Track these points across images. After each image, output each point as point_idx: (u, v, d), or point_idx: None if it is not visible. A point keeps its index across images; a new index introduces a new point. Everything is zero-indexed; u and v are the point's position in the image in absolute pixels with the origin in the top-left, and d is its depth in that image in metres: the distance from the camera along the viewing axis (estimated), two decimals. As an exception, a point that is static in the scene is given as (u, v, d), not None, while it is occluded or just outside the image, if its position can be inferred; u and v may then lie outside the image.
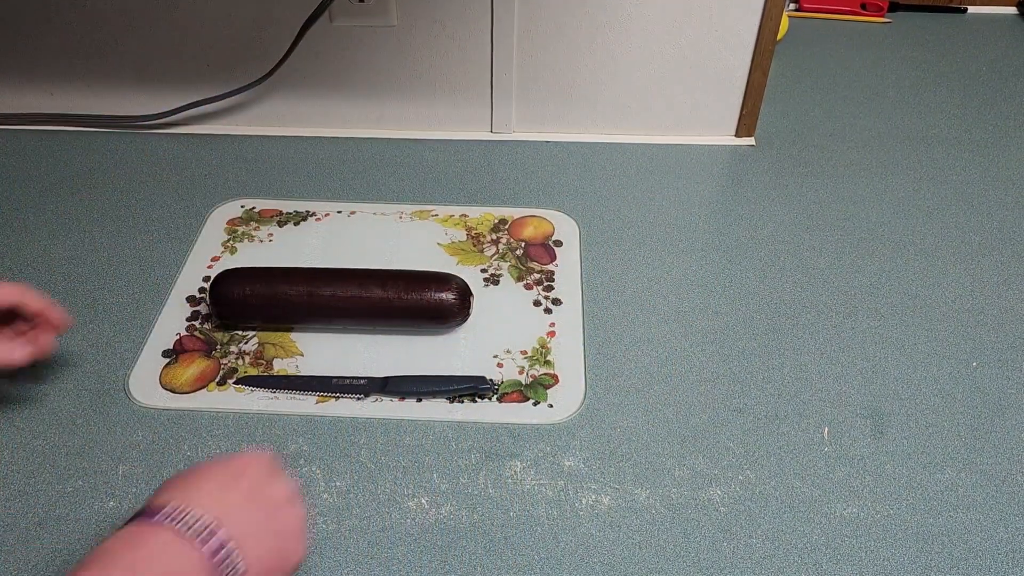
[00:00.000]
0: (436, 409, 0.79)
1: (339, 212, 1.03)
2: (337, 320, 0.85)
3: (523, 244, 0.98)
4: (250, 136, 1.17)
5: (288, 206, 1.04)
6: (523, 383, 0.81)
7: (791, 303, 0.91)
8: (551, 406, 0.79)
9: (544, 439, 0.77)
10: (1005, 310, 0.90)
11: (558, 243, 0.98)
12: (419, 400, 0.79)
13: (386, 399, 0.79)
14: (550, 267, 0.95)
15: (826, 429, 0.78)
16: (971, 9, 1.45)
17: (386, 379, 0.81)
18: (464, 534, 0.69)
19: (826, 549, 0.68)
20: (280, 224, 1.01)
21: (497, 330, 0.87)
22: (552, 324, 0.88)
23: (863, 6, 1.43)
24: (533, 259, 0.96)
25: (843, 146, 1.14)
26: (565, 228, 1.00)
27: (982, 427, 0.78)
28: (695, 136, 1.15)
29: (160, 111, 1.15)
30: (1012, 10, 1.46)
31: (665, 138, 1.15)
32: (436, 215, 1.02)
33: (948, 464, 0.75)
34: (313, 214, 1.02)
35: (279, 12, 1.05)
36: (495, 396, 0.80)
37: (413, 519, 0.70)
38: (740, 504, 0.72)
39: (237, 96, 1.12)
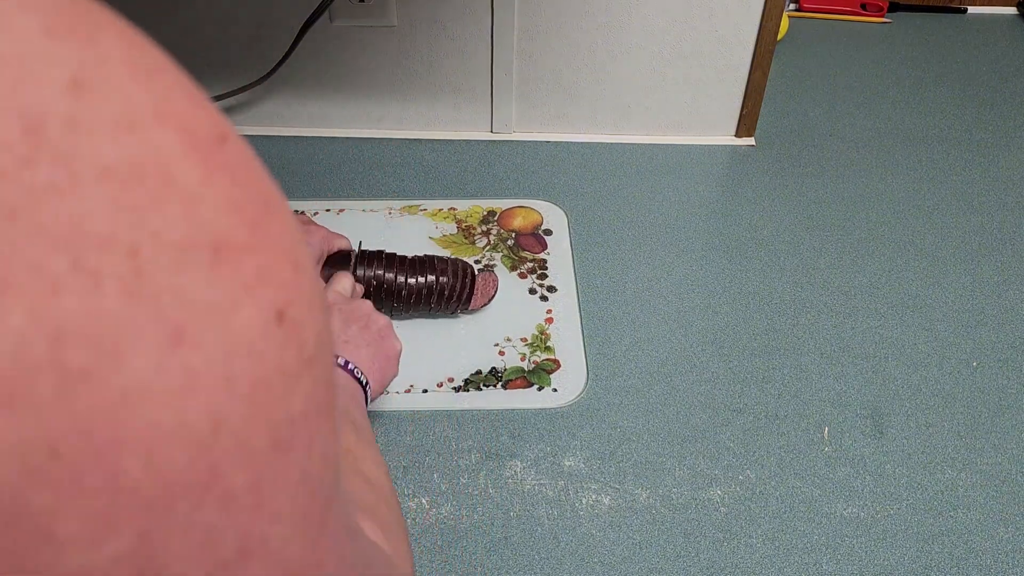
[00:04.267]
0: (442, 398, 0.79)
1: (327, 211, 1.03)
2: None
3: (513, 234, 0.99)
4: (250, 136, 1.16)
5: (286, 206, 1.04)
6: (526, 369, 0.83)
7: (791, 303, 0.91)
8: (555, 390, 0.81)
9: (544, 439, 0.77)
10: (1005, 310, 0.90)
11: (548, 232, 0.99)
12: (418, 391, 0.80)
13: (390, 392, 0.79)
14: (542, 256, 0.96)
15: (826, 429, 0.78)
16: (971, 9, 1.45)
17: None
18: (464, 534, 0.69)
19: (826, 549, 0.68)
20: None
21: (496, 318, 0.88)
22: (549, 311, 0.89)
23: (863, 6, 1.43)
24: (525, 249, 0.97)
25: (843, 146, 1.14)
26: (553, 217, 1.01)
27: (982, 427, 0.78)
28: (695, 136, 1.15)
29: (160, 111, 1.14)
30: (1012, 10, 1.46)
31: (665, 138, 1.15)
32: (425, 209, 1.02)
33: (948, 464, 0.75)
34: (302, 213, 1.02)
35: (279, 12, 1.05)
36: (500, 383, 0.81)
37: (413, 519, 0.70)
38: (740, 504, 0.72)
39: (237, 96, 1.12)
